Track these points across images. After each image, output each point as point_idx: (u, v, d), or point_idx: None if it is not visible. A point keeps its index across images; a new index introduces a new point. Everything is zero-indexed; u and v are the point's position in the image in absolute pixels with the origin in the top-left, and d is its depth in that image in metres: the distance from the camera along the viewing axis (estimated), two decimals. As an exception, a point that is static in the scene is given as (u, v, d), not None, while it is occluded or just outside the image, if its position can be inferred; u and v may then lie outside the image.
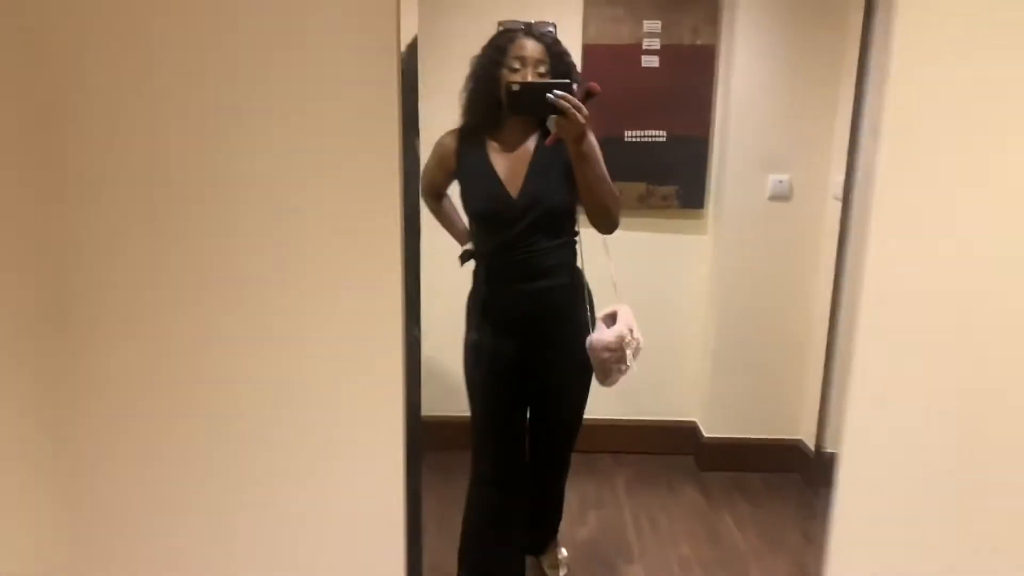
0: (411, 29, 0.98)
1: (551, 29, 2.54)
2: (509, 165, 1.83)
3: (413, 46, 0.99)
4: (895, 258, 1.04)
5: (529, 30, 1.80)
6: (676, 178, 2.88)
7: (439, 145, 1.91)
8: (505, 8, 2.62)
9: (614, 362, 1.85)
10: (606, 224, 1.82)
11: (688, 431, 3.05)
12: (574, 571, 2.30)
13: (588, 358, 1.87)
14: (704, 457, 2.96)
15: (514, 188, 1.81)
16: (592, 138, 1.70)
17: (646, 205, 2.89)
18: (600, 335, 1.84)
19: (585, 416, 2.05)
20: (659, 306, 2.92)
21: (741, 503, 2.71)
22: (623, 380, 1.91)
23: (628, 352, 1.85)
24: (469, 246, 1.96)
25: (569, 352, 1.90)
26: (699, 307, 2.98)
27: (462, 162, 1.87)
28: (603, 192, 1.76)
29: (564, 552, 2.33)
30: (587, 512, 2.64)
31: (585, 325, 1.89)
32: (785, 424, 2.91)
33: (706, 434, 2.96)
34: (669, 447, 3.06)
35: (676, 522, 2.59)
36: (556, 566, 2.28)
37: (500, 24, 2.20)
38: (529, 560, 2.22)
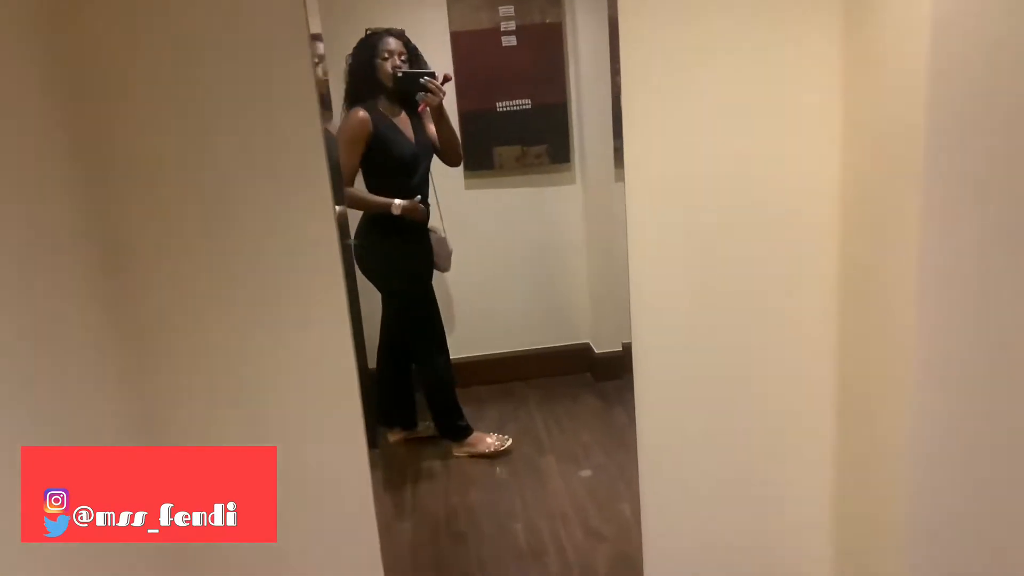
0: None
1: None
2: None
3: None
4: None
5: (390, 31, 2.48)
6: (544, 139, 3.35)
7: (356, 121, 2.50)
8: (370, 14, 2.96)
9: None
10: (455, 159, 2.78)
11: (583, 351, 3.61)
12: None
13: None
14: (598, 370, 3.53)
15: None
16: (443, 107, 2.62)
17: (522, 164, 3.35)
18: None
19: (499, 350, 2.67)
20: (543, 247, 3.43)
21: (631, 400, 3.29)
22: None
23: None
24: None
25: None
26: (576, 245, 3.50)
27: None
28: (453, 139, 2.73)
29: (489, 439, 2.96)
30: (506, 424, 3.15)
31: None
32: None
33: (597, 351, 3.53)
34: (569, 367, 3.61)
35: (578, 421, 3.15)
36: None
37: (368, 30, 2.64)
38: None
